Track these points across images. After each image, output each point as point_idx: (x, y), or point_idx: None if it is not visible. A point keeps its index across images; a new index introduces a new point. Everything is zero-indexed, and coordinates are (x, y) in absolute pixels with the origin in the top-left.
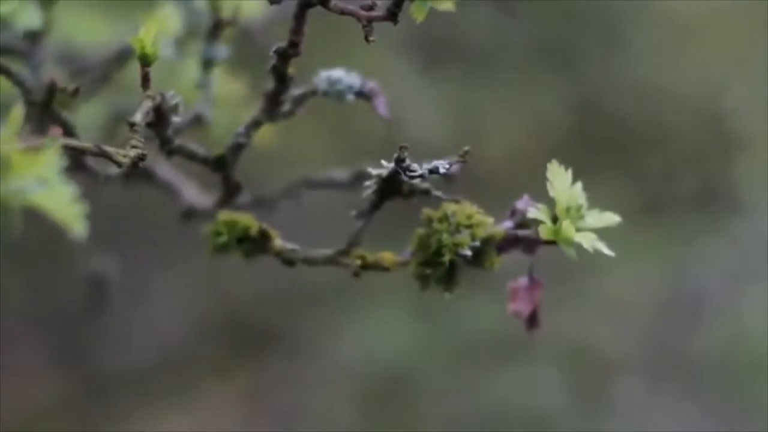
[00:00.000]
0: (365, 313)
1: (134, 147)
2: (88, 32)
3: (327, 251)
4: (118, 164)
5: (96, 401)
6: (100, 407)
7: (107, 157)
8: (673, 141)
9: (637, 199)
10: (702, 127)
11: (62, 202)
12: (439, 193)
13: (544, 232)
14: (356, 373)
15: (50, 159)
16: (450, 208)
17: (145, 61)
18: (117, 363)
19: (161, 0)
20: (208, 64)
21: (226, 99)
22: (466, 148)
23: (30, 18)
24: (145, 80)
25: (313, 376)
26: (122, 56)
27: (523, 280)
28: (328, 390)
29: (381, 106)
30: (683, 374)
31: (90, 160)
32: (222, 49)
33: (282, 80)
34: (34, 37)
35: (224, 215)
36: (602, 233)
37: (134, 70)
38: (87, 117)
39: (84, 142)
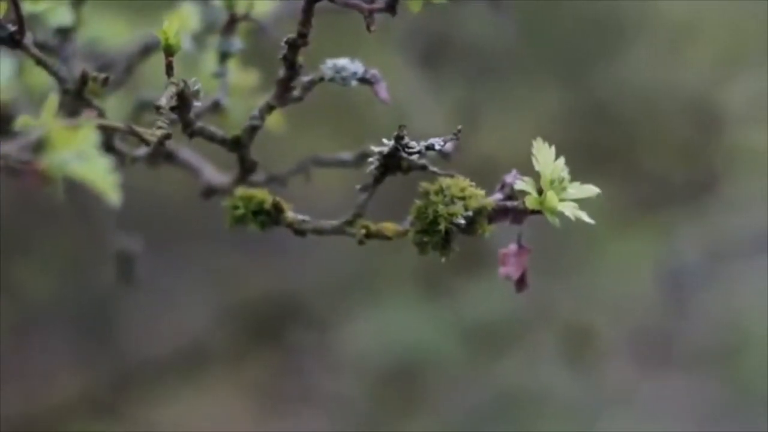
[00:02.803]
0: (376, 303)
1: (160, 128)
2: (111, 34)
3: (334, 222)
4: (147, 142)
5: (116, 388)
6: (120, 393)
7: (137, 135)
8: (665, 139)
9: (631, 193)
10: (694, 125)
11: (99, 172)
12: (435, 169)
13: (530, 202)
14: (369, 361)
15: (88, 135)
16: (445, 182)
17: (169, 51)
18: (135, 352)
19: (181, 1)
20: (224, 56)
21: (240, 88)
22: (459, 127)
23: (62, 16)
24: (169, 68)
25: (325, 365)
26: (146, 51)
27: (512, 247)
28: (341, 377)
29: (382, 91)
30: (677, 356)
31: (118, 144)
32: (237, 43)
33: (292, 68)
34: (65, 33)
35: (241, 191)
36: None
37: (156, 65)
38: (112, 107)
39: (114, 122)
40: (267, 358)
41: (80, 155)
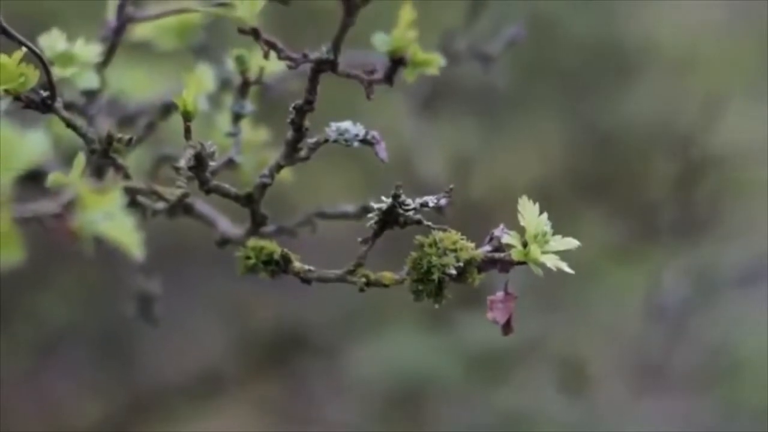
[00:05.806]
0: (381, 331)
1: (179, 187)
2: (133, 86)
3: (337, 271)
4: (167, 201)
5: (132, 412)
6: (137, 418)
7: (158, 195)
8: (661, 172)
9: (627, 225)
10: (690, 158)
11: (125, 231)
12: (429, 223)
13: (516, 254)
14: (374, 385)
15: (114, 197)
16: (438, 235)
17: (187, 116)
18: (151, 377)
19: (197, 61)
20: (237, 117)
21: (252, 143)
22: (451, 185)
23: (89, 80)
24: (187, 132)
25: (333, 389)
26: (166, 110)
27: (499, 294)
28: (347, 401)
29: (381, 151)
30: (671, 381)
31: (141, 198)
32: (248, 106)
33: (299, 131)
34: (91, 94)
35: (252, 242)
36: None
37: (174, 122)
38: (134, 160)
39: (138, 184)
40: (277, 383)
41: (108, 215)
